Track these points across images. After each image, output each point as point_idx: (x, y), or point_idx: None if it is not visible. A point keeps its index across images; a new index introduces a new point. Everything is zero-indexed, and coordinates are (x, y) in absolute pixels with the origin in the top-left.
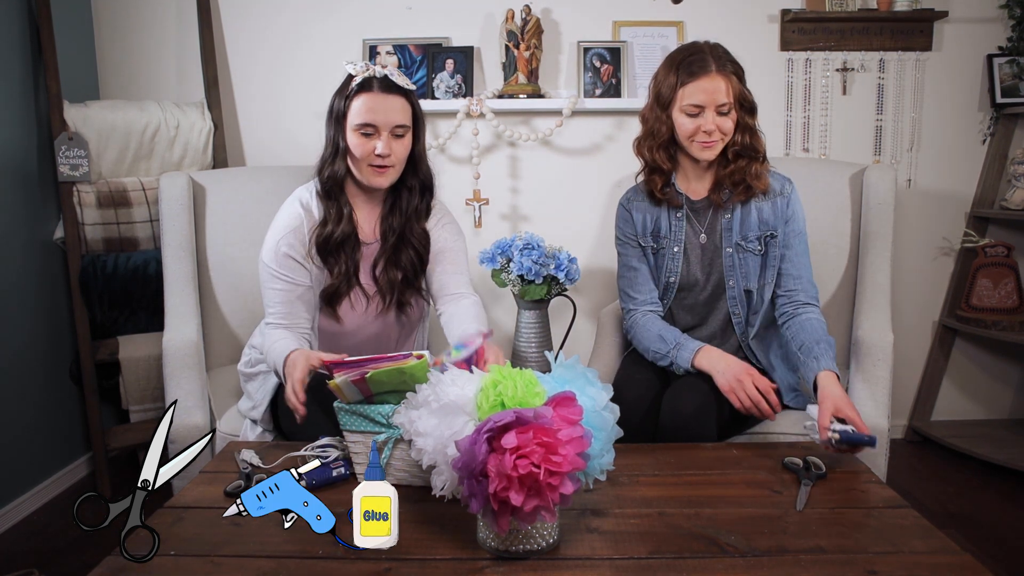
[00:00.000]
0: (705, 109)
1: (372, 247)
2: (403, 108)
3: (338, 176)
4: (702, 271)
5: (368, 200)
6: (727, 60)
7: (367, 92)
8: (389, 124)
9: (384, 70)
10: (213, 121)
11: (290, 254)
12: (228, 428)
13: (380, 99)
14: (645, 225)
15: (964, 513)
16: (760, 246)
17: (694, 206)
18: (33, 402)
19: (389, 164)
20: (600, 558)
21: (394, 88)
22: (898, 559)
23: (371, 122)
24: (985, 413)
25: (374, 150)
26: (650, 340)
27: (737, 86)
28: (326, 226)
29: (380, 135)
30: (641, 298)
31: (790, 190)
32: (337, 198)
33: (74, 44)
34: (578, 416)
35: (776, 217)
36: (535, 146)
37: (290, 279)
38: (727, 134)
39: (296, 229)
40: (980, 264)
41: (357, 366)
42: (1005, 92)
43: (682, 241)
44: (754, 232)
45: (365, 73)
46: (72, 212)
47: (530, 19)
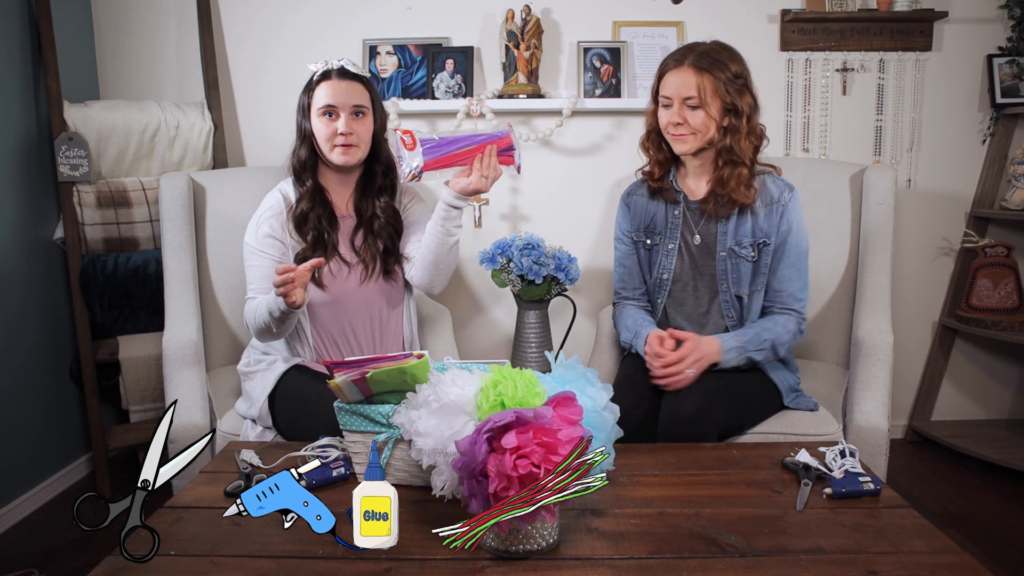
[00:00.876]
0: (674, 101)
1: (348, 221)
2: (360, 91)
3: (303, 160)
4: (695, 271)
5: (341, 181)
6: (710, 60)
7: (326, 80)
8: (348, 104)
9: (340, 61)
10: (213, 121)
11: (269, 233)
12: (228, 428)
13: (338, 84)
14: (641, 218)
15: (964, 513)
16: (753, 253)
17: (691, 205)
18: (33, 402)
19: (352, 143)
20: (600, 558)
21: (350, 75)
22: (898, 559)
23: (331, 103)
24: (985, 413)
25: (337, 130)
26: (621, 329)
27: (712, 84)
28: (300, 204)
29: (340, 115)
30: (625, 293)
31: (788, 199)
32: (307, 181)
33: (74, 44)
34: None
35: (771, 226)
36: (535, 146)
37: (267, 254)
38: (699, 130)
39: (273, 207)
40: (980, 264)
41: (357, 366)
42: (1005, 92)
43: (677, 239)
44: (748, 239)
45: (324, 67)
46: (72, 212)
47: (530, 19)
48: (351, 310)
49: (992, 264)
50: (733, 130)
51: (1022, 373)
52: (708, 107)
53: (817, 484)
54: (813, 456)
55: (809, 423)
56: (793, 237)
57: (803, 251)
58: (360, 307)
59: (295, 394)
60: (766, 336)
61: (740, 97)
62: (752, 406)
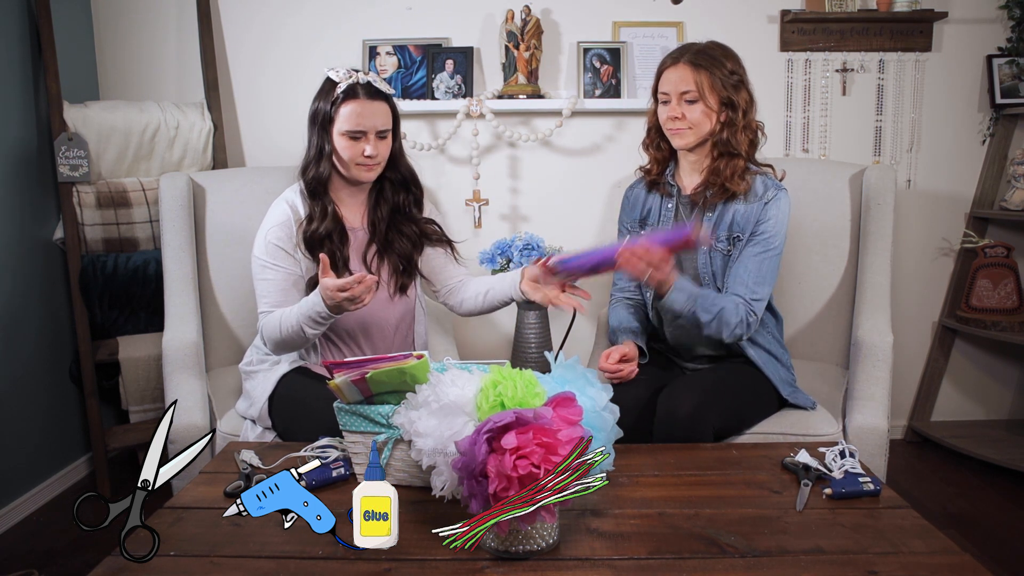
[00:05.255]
0: (671, 96)
1: (359, 235)
2: (386, 112)
3: (323, 177)
4: (683, 263)
5: (353, 194)
6: (707, 57)
7: (354, 99)
8: (375, 128)
9: (367, 77)
10: (213, 122)
11: (279, 245)
12: (228, 428)
13: (367, 105)
14: (637, 209)
15: (964, 513)
16: (728, 246)
17: (683, 200)
18: (33, 402)
19: (376, 163)
20: (600, 558)
21: (378, 94)
22: (898, 559)
23: (360, 128)
24: (985, 413)
25: (363, 152)
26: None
27: (708, 80)
28: (311, 223)
29: (368, 138)
30: (620, 284)
31: (772, 196)
32: (321, 197)
33: (74, 44)
34: (578, 417)
35: (747, 220)
36: (535, 146)
37: (280, 267)
38: (696, 124)
39: (284, 223)
40: (980, 264)
41: (357, 366)
42: (1005, 93)
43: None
44: (725, 232)
45: (349, 80)
46: (72, 212)
47: (530, 19)
48: (363, 325)
49: (992, 264)
50: (729, 124)
51: (1022, 373)
52: (705, 101)
53: (817, 484)
54: (813, 456)
55: (809, 423)
56: (767, 234)
57: (773, 249)
58: (372, 322)
59: (294, 395)
60: (719, 303)
61: (736, 93)
62: (749, 405)
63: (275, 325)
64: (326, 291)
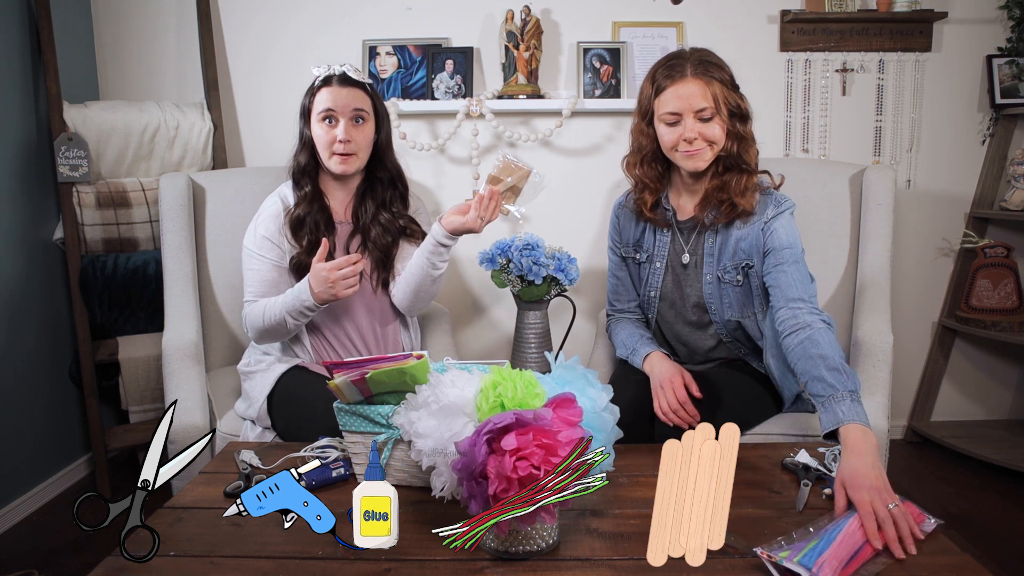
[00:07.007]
0: (683, 116)
1: (345, 227)
2: (360, 97)
3: (303, 165)
4: (684, 290)
5: (341, 188)
6: (709, 64)
7: (328, 86)
8: (348, 108)
9: (343, 67)
10: (213, 122)
11: (267, 236)
12: (228, 428)
13: (339, 90)
14: (630, 235)
15: (964, 513)
16: (739, 276)
17: (681, 225)
18: (33, 402)
19: (351, 151)
20: (600, 558)
21: (352, 82)
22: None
23: (331, 107)
24: (985, 413)
25: (336, 137)
26: (617, 344)
27: (721, 91)
28: (297, 208)
29: (339, 121)
30: (619, 305)
31: (772, 214)
32: (306, 186)
33: (74, 44)
34: (578, 417)
35: (752, 247)
36: (535, 147)
37: (267, 258)
38: (715, 141)
39: (274, 215)
40: (979, 265)
41: (357, 366)
42: (1004, 93)
43: (664, 258)
44: (731, 261)
45: (327, 72)
46: (72, 212)
47: (530, 20)
48: (348, 316)
49: (992, 264)
50: (739, 136)
51: (1022, 373)
52: (720, 115)
53: (817, 484)
54: (813, 456)
55: (809, 423)
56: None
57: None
58: (357, 314)
59: (293, 395)
60: (826, 360)
61: (742, 100)
62: (750, 407)
63: (259, 314)
64: (319, 273)
